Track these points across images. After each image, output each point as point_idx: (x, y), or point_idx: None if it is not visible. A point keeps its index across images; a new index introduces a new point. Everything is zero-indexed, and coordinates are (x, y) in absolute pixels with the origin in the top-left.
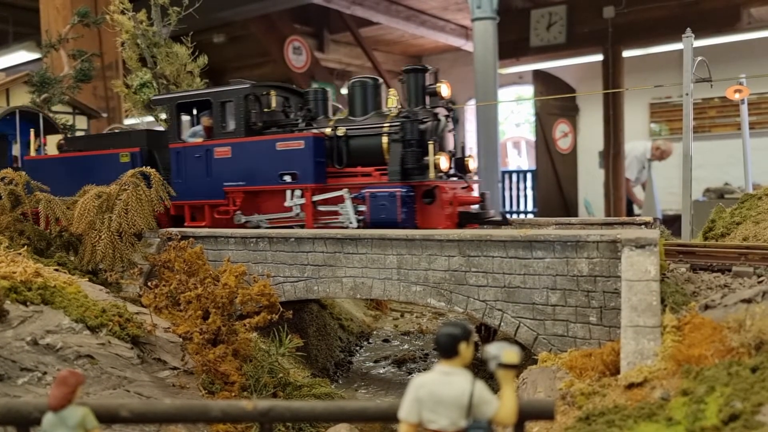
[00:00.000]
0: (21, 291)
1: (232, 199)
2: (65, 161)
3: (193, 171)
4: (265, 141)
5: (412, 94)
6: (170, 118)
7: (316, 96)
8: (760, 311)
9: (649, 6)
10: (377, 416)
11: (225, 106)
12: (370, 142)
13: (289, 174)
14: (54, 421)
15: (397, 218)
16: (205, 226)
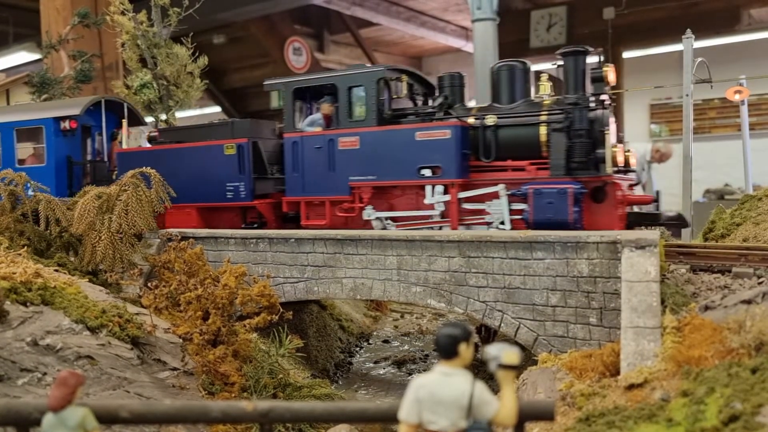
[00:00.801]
0: (21, 292)
1: (358, 195)
2: (162, 154)
3: (312, 163)
4: (402, 130)
5: (571, 79)
6: (285, 104)
7: (452, 81)
8: (760, 312)
9: (649, 7)
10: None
11: (353, 92)
12: (525, 133)
13: (430, 168)
14: (54, 421)
15: (567, 218)
16: (324, 226)
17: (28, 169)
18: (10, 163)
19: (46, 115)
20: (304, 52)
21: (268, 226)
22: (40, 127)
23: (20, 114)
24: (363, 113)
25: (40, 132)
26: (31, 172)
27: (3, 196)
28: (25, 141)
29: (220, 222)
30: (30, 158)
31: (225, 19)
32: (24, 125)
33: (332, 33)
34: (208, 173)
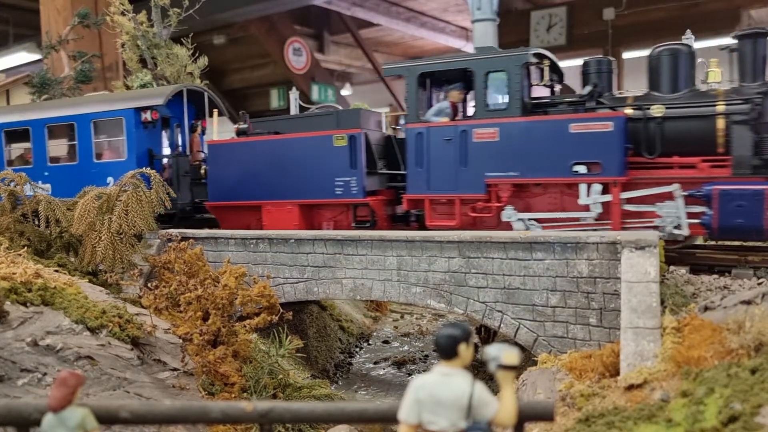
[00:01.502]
0: (21, 292)
1: (495, 194)
2: (258, 146)
3: (440, 157)
4: (552, 121)
5: (749, 65)
6: (408, 91)
7: (599, 67)
8: (759, 313)
9: (649, 8)
10: (377, 417)
11: (491, 77)
12: (698, 126)
13: (585, 164)
14: (54, 422)
15: (763, 224)
16: (454, 227)
17: (107, 165)
18: (88, 158)
19: (127, 106)
20: (304, 52)
21: (378, 226)
22: (120, 118)
23: (97, 105)
24: (504, 102)
25: (119, 124)
26: (111, 168)
27: (3, 197)
28: (102, 134)
29: (322, 220)
30: (107, 153)
31: (225, 19)
32: (102, 117)
33: (332, 33)
34: (314, 167)
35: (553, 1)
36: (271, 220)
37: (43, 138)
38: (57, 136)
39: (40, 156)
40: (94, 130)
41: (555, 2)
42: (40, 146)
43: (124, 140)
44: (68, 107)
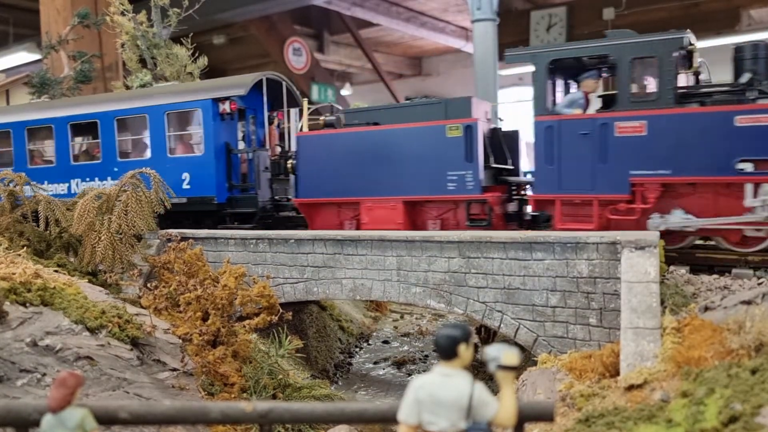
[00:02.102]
0: (20, 292)
1: (640, 194)
2: (355, 138)
3: (575, 153)
4: (712, 113)
5: None
6: (537, 80)
7: (756, 52)
8: (759, 313)
9: (649, 7)
10: (377, 418)
11: (637, 64)
12: None
13: (752, 161)
14: (53, 422)
15: None
16: (592, 229)
17: (181, 160)
18: (161, 153)
19: (204, 97)
20: (304, 52)
21: (494, 226)
22: (196, 110)
23: (171, 96)
24: (653, 91)
25: (195, 116)
26: (186, 164)
27: (3, 197)
28: (176, 127)
29: (427, 219)
30: (180, 147)
31: (225, 19)
32: (177, 108)
33: (332, 33)
34: (422, 160)
35: (553, 1)
36: (371, 218)
37: (112, 132)
38: (128, 130)
39: (110, 151)
40: (168, 123)
41: (555, 2)
42: (109, 141)
43: (201, 134)
44: (140, 98)
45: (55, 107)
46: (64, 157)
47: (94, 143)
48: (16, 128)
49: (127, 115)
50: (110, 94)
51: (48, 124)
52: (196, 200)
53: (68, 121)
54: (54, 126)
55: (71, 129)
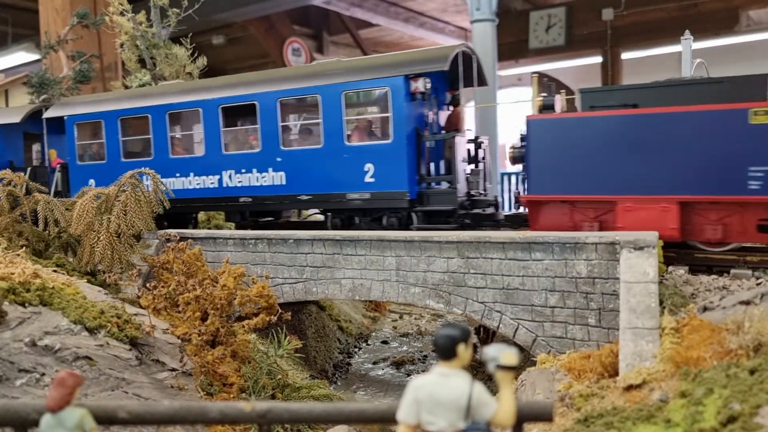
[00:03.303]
0: (19, 292)
1: None
2: (612, 123)
3: None
4: None
5: None
6: None
7: None
8: (758, 313)
9: (648, 8)
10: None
11: None
12: None
13: None
14: (52, 422)
15: None
16: None
17: (363, 149)
18: (337, 140)
19: (394, 73)
20: (303, 52)
21: None
22: (383, 89)
23: (351, 73)
24: None
25: (380, 97)
26: (370, 153)
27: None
28: (356, 110)
29: (705, 224)
30: (359, 133)
31: (224, 19)
32: (358, 88)
33: (331, 33)
34: (709, 152)
35: (552, 1)
36: (630, 221)
37: (274, 116)
38: (294, 113)
39: (271, 139)
40: (346, 105)
41: (554, 2)
42: (270, 126)
43: (390, 117)
44: (310, 76)
45: (203, 88)
46: (214, 145)
47: (249, 130)
48: (156, 113)
49: (293, 96)
50: (273, 71)
51: (194, 107)
52: (382, 196)
53: (219, 104)
54: (202, 110)
55: (222, 113)
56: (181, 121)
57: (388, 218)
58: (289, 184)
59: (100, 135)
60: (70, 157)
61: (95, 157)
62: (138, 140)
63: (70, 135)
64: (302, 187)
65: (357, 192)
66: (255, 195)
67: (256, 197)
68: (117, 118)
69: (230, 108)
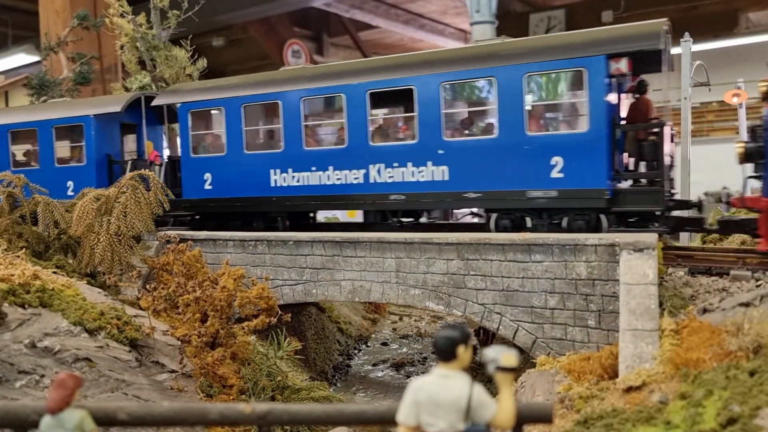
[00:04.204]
0: (19, 294)
1: None
2: None
3: None
4: None
5: None
6: None
7: None
8: (758, 315)
9: (648, 10)
10: (375, 419)
11: None
12: None
13: None
14: (52, 423)
15: None
16: None
17: (549, 140)
18: (516, 130)
19: (593, 52)
20: (303, 54)
21: None
22: (578, 70)
23: (533, 54)
24: None
25: (572, 79)
26: (558, 145)
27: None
28: (540, 95)
29: None
30: (541, 122)
31: (224, 21)
32: (544, 69)
33: (331, 35)
34: None
35: (551, 3)
36: None
37: (436, 102)
38: (459, 100)
39: (431, 128)
40: (526, 89)
41: (554, 5)
42: (430, 114)
43: (586, 102)
44: (482, 59)
45: (348, 72)
46: (359, 136)
47: (404, 118)
48: (288, 100)
49: (460, 79)
50: (436, 52)
51: (336, 93)
52: (574, 194)
53: (367, 90)
54: (345, 95)
55: (370, 99)
56: (318, 109)
57: (571, 220)
58: (454, 180)
59: (219, 124)
60: (182, 149)
61: (213, 149)
62: (265, 130)
63: (183, 124)
64: (469, 183)
65: (540, 189)
66: (409, 192)
67: (410, 195)
68: (240, 106)
69: (380, 94)
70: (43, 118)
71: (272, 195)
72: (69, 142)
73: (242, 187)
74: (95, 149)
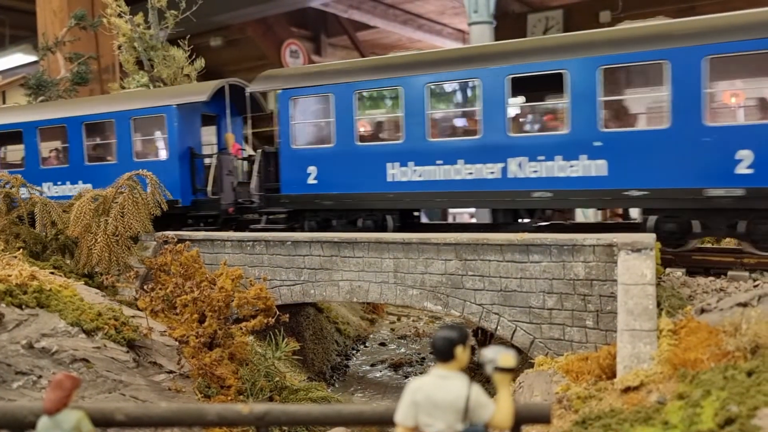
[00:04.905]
0: (16, 294)
1: None
2: None
3: None
4: None
5: None
6: None
7: None
8: (755, 315)
9: (645, 11)
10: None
11: None
12: None
13: None
14: (49, 424)
15: None
16: None
17: (734, 131)
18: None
19: None
20: (300, 54)
21: None
22: None
23: (719, 32)
24: None
25: None
26: (745, 135)
27: None
28: (725, 78)
29: None
30: (724, 110)
31: (222, 21)
32: (732, 50)
33: (329, 36)
34: None
35: (549, 3)
36: None
37: (592, 88)
38: (618, 87)
39: (586, 117)
40: (710, 73)
41: (552, 5)
42: (584, 102)
43: None
44: (649, 39)
45: (482, 56)
46: (496, 127)
47: (550, 107)
48: (411, 86)
49: (623, 62)
50: (590, 33)
51: (468, 78)
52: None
53: (508, 74)
54: (481, 80)
55: (511, 86)
56: (446, 96)
57: (752, 224)
58: (613, 176)
59: (327, 113)
60: (282, 139)
61: (319, 141)
62: (380, 119)
63: (284, 113)
64: (633, 179)
65: (722, 187)
66: (556, 189)
67: (558, 192)
68: (352, 92)
69: (522, 79)
70: (121, 108)
71: (388, 191)
72: (149, 135)
73: (353, 181)
74: (178, 142)
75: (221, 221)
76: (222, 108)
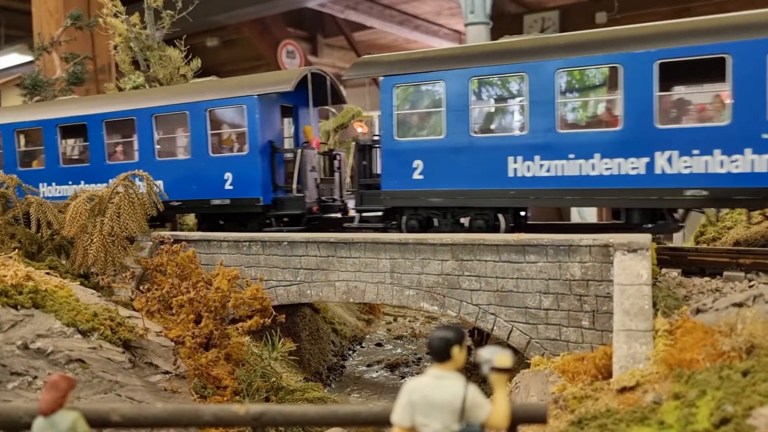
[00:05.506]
0: (11, 295)
1: None
2: None
3: None
4: None
5: None
6: None
7: None
8: (750, 315)
9: (642, 12)
10: (370, 420)
11: None
12: None
13: None
14: (44, 425)
15: None
16: None
17: None
18: None
19: None
20: (297, 55)
21: None
22: None
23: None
24: None
25: None
26: None
27: None
28: None
29: None
30: None
31: (218, 21)
32: None
33: (326, 36)
34: None
35: (545, 4)
36: None
37: (762, 76)
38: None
39: (752, 106)
40: None
41: (548, 6)
42: (752, 90)
43: None
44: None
45: (623, 38)
46: (641, 116)
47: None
48: (536, 73)
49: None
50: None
51: (608, 63)
52: None
53: (656, 59)
54: (623, 66)
55: (659, 71)
56: (578, 83)
57: None
58: None
59: (437, 102)
60: (383, 131)
61: (426, 132)
62: (500, 108)
63: (386, 102)
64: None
65: None
66: (713, 187)
67: (716, 190)
68: (468, 79)
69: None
70: (195, 99)
71: (509, 187)
72: (225, 128)
73: (467, 176)
74: (259, 135)
75: (305, 221)
76: (299, 99)
